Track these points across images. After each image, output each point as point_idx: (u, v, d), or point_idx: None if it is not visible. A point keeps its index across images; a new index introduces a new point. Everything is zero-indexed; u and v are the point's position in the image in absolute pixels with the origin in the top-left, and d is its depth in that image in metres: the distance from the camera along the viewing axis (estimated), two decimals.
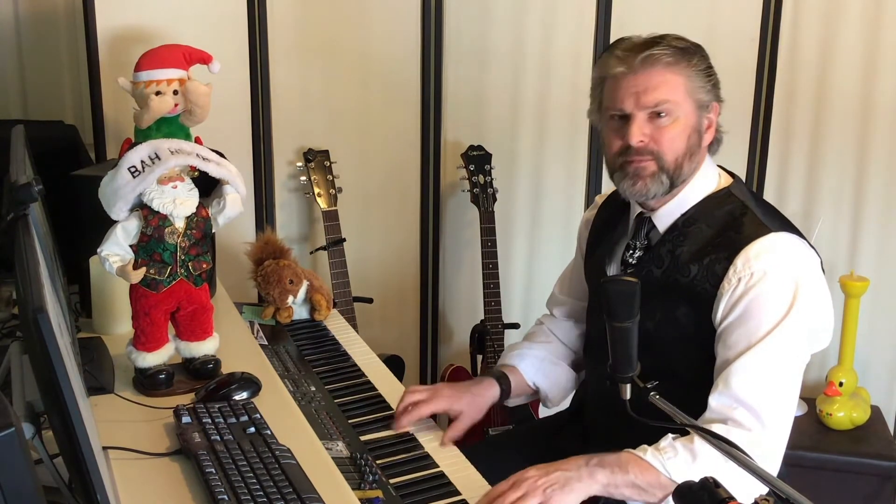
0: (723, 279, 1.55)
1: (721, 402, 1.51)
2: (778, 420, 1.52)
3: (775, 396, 1.52)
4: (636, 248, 1.70)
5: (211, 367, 1.72)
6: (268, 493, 1.29)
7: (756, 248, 1.54)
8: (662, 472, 1.46)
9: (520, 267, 3.02)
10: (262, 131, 2.76)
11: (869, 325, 2.77)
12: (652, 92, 1.57)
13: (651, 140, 1.59)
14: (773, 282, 1.52)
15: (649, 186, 1.61)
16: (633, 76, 1.57)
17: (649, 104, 1.57)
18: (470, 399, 1.74)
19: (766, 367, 1.51)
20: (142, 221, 1.60)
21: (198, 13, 2.57)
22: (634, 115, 1.58)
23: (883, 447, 2.58)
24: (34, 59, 2.71)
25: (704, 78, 1.60)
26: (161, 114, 2.12)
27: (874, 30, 2.68)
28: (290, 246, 2.23)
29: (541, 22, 2.84)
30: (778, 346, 1.52)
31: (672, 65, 1.57)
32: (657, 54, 1.56)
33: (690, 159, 1.62)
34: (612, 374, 1.35)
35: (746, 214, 1.60)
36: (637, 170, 1.60)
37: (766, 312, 1.52)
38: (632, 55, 1.57)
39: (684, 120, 1.59)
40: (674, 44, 1.58)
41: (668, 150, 1.59)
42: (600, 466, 1.47)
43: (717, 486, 1.08)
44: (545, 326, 1.96)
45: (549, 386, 1.87)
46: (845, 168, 2.77)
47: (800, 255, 1.58)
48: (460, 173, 2.84)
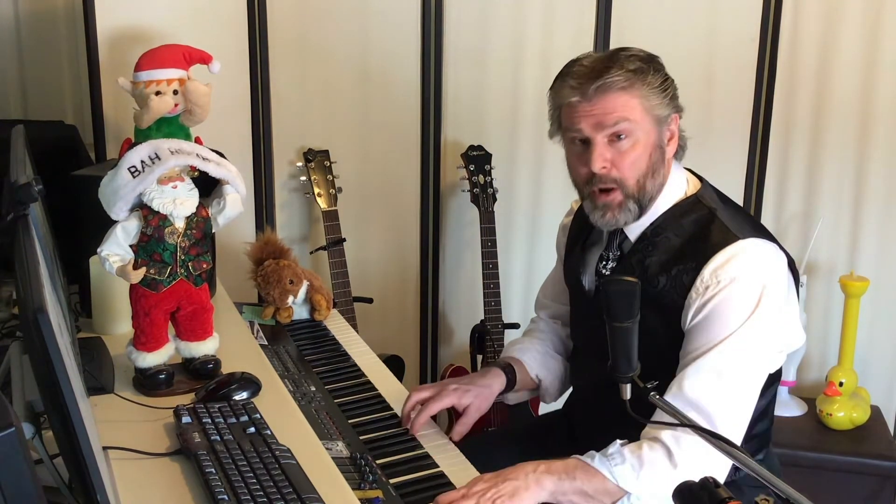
0: (690, 289, 1.55)
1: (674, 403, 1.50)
2: (730, 423, 1.51)
3: (729, 399, 1.51)
4: (609, 258, 1.70)
5: (211, 367, 1.72)
6: (268, 493, 1.29)
7: (722, 258, 1.54)
8: (609, 478, 1.46)
9: (520, 267, 3.02)
10: (262, 131, 2.76)
11: (869, 325, 2.77)
12: (609, 115, 1.55)
13: (613, 166, 1.58)
14: (739, 287, 1.52)
15: (618, 217, 1.61)
16: (588, 104, 1.56)
17: (608, 124, 1.56)
18: (477, 391, 1.74)
19: (720, 370, 1.50)
20: (142, 221, 1.60)
21: (198, 13, 2.57)
22: (594, 139, 1.57)
23: (883, 447, 2.58)
24: (34, 59, 2.71)
25: (660, 93, 1.58)
26: (161, 114, 2.12)
27: (874, 30, 2.68)
28: (290, 246, 2.23)
29: (541, 22, 2.84)
30: (735, 349, 1.51)
31: (626, 88, 1.55)
32: (609, 81, 1.54)
33: (653, 177, 1.61)
34: (613, 374, 1.35)
35: (714, 222, 1.59)
36: (606, 203, 1.61)
37: (729, 317, 1.52)
38: (586, 83, 1.55)
39: (644, 139, 1.58)
40: (626, 66, 1.55)
41: (630, 175, 1.58)
42: (548, 473, 1.47)
43: (717, 486, 1.08)
44: (541, 323, 1.97)
45: (550, 380, 1.87)
46: (845, 168, 2.77)
47: (766, 261, 1.57)
48: (460, 173, 2.84)
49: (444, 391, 1.71)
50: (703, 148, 2.59)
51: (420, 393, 1.71)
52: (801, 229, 2.81)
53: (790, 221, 2.82)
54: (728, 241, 1.55)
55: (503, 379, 1.80)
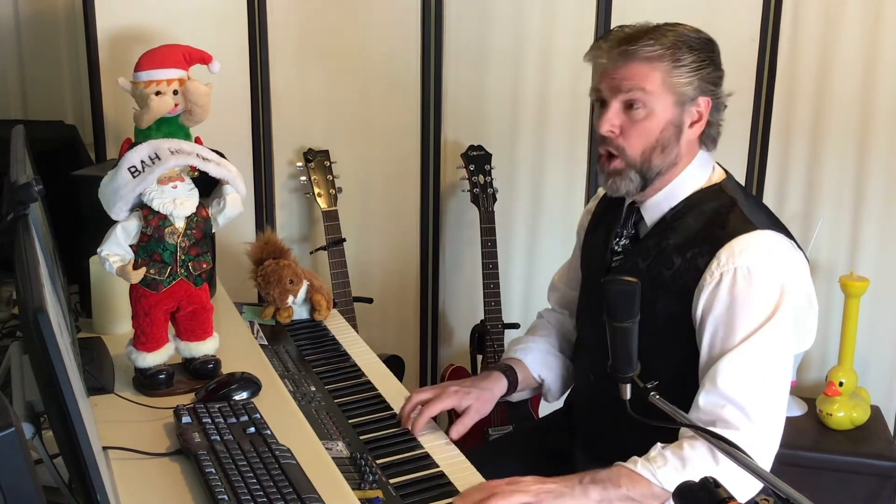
0: (704, 272, 1.55)
1: (709, 401, 1.51)
2: (768, 417, 1.51)
3: (764, 394, 1.51)
4: (622, 235, 1.71)
5: (211, 367, 1.72)
6: (268, 493, 1.29)
7: (739, 244, 1.53)
8: (654, 481, 1.46)
9: (520, 267, 3.02)
10: (262, 131, 2.76)
11: (869, 325, 2.78)
12: (625, 81, 1.58)
13: (620, 133, 1.60)
14: (757, 280, 1.52)
15: (619, 186, 1.63)
16: (611, 67, 1.60)
17: (622, 90, 1.59)
18: (478, 394, 1.74)
19: (753, 365, 1.51)
20: (142, 221, 1.60)
21: (198, 13, 2.57)
22: (609, 102, 1.60)
23: (883, 447, 2.58)
24: (34, 59, 2.71)
25: (693, 73, 1.60)
26: (161, 114, 2.12)
27: (874, 30, 2.68)
28: (290, 246, 2.23)
29: (541, 22, 2.84)
30: (765, 343, 1.51)
31: (652, 59, 1.57)
32: (634, 49, 1.58)
33: (663, 152, 1.61)
34: (613, 374, 1.35)
35: (733, 211, 1.59)
36: (608, 170, 1.63)
37: (751, 310, 1.52)
38: (613, 47, 1.60)
39: (660, 113, 1.59)
40: (662, 39, 1.59)
41: (634, 144, 1.60)
42: (593, 483, 1.47)
43: (717, 486, 1.08)
44: (545, 319, 1.97)
45: (552, 379, 1.87)
46: (845, 168, 2.78)
47: (784, 255, 1.57)
48: (460, 173, 2.84)
49: (445, 393, 1.71)
50: None
51: (421, 394, 1.71)
52: (801, 229, 2.80)
53: (790, 221, 2.81)
54: (745, 229, 1.55)
55: (504, 383, 1.80)
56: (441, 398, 1.70)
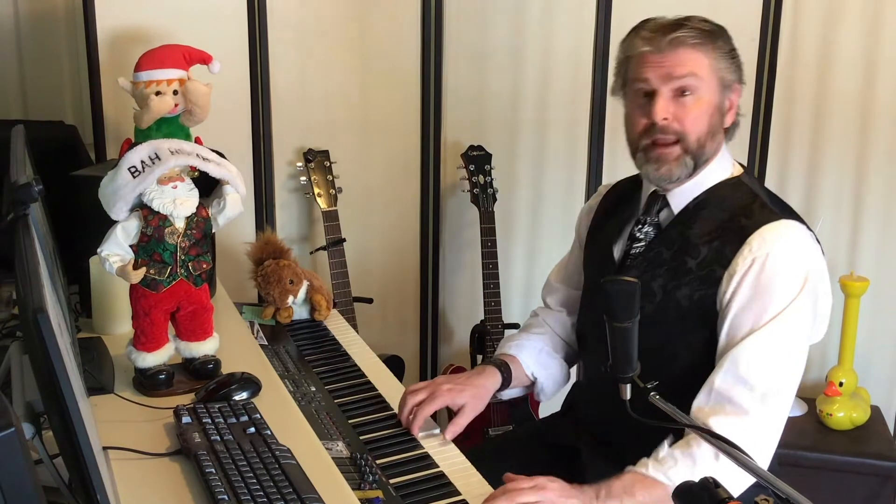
0: (733, 259, 1.56)
1: (725, 381, 1.52)
2: (778, 400, 1.53)
3: (779, 377, 1.53)
4: (646, 223, 1.71)
5: (211, 367, 1.72)
6: (268, 493, 1.29)
7: (769, 232, 1.56)
8: (668, 483, 1.47)
9: (520, 267, 3.02)
10: (262, 131, 2.76)
11: (869, 325, 2.77)
12: (678, 68, 1.59)
13: (675, 119, 1.61)
14: (785, 266, 1.54)
15: (674, 170, 1.63)
16: (659, 55, 1.60)
17: (676, 76, 1.59)
18: (472, 391, 1.73)
19: (772, 349, 1.53)
20: (142, 221, 1.60)
21: (198, 13, 2.57)
22: (660, 91, 1.60)
23: (883, 447, 2.58)
24: (34, 59, 2.71)
25: (729, 59, 1.64)
26: (161, 114, 2.12)
27: (874, 30, 2.68)
28: (290, 246, 2.23)
29: (541, 22, 2.84)
30: (784, 328, 1.53)
31: (698, 45, 1.60)
32: (682, 36, 1.59)
33: (712, 139, 1.64)
34: (613, 374, 1.35)
35: (756, 201, 1.62)
36: (661, 155, 1.63)
37: (775, 295, 1.53)
38: (658, 36, 1.61)
39: (708, 98, 1.62)
40: (699, 26, 1.62)
41: (692, 129, 1.61)
42: (609, 497, 1.47)
43: (717, 486, 1.08)
44: (540, 318, 1.97)
45: (545, 377, 1.87)
46: (845, 168, 2.78)
47: (809, 245, 1.60)
48: (460, 173, 2.84)
49: (438, 391, 1.70)
50: None
51: (414, 396, 1.69)
52: None
53: None
54: (772, 218, 1.58)
55: (498, 378, 1.80)
56: (434, 398, 1.69)
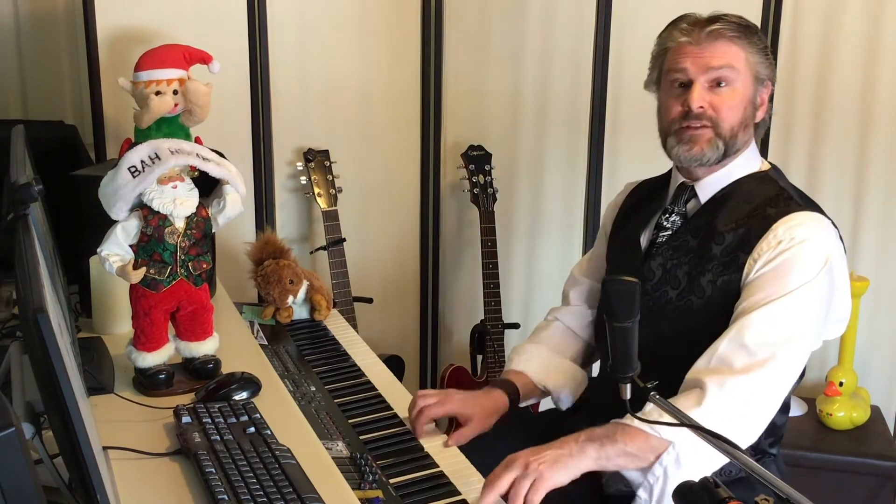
0: (756, 245, 1.59)
1: (728, 348, 1.54)
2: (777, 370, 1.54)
3: (782, 349, 1.54)
4: (673, 212, 1.74)
5: (211, 367, 1.72)
6: (268, 493, 1.29)
7: (795, 220, 1.60)
8: (651, 432, 1.48)
9: (520, 267, 3.02)
10: (262, 131, 2.76)
11: (869, 325, 2.77)
12: (716, 59, 1.64)
13: (710, 107, 1.65)
14: (809, 248, 1.57)
15: (705, 151, 1.67)
16: (697, 47, 1.66)
17: (714, 67, 1.64)
18: (480, 408, 1.73)
19: (781, 322, 1.54)
20: (142, 221, 1.60)
21: (198, 13, 2.57)
22: (697, 80, 1.65)
23: (883, 447, 2.58)
24: (34, 59, 2.71)
25: (762, 55, 1.68)
26: (161, 114, 2.12)
27: (874, 29, 2.68)
28: (290, 246, 2.23)
29: (541, 22, 2.84)
30: (797, 304, 1.56)
31: (735, 38, 1.65)
32: (721, 28, 1.65)
33: (745, 131, 1.69)
34: (612, 375, 1.35)
35: (782, 194, 1.66)
36: (693, 136, 1.67)
37: (794, 274, 1.56)
38: (696, 29, 1.66)
39: (742, 90, 1.66)
40: (736, 20, 1.67)
41: (726, 117, 1.66)
42: (589, 441, 1.50)
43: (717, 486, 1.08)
44: (553, 321, 1.97)
45: (559, 386, 1.86)
46: (845, 168, 2.77)
47: (833, 236, 1.64)
48: (460, 173, 2.84)
49: (449, 399, 1.70)
50: None
51: (425, 399, 1.69)
52: None
53: None
54: (798, 209, 1.62)
55: (506, 401, 1.79)
56: (444, 403, 1.69)
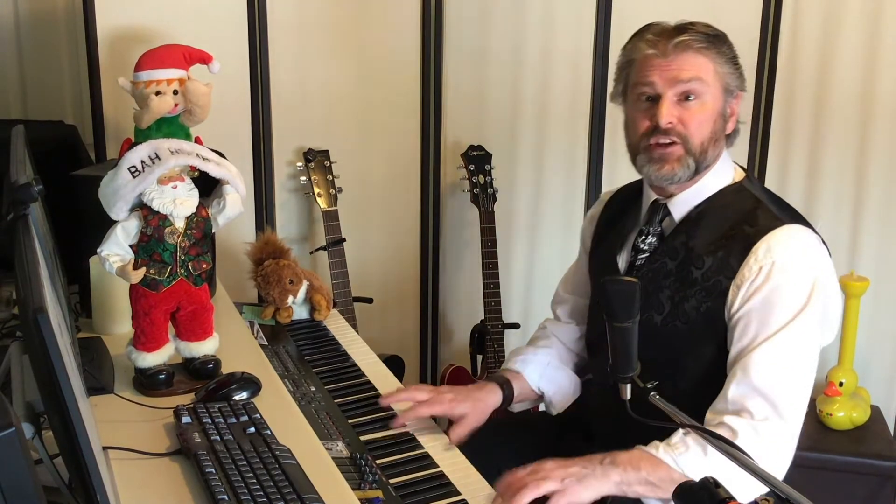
0: (738, 270, 1.56)
1: (739, 392, 1.53)
2: (793, 410, 1.53)
3: (792, 386, 1.53)
4: (649, 233, 1.71)
5: (211, 367, 1.72)
6: (268, 493, 1.29)
7: (774, 238, 1.56)
8: (675, 467, 1.48)
9: (520, 267, 3.02)
10: (262, 131, 2.76)
11: (869, 325, 2.77)
12: (684, 72, 1.59)
13: (679, 122, 1.61)
14: (793, 273, 1.54)
15: (676, 170, 1.63)
16: (664, 59, 1.60)
17: (682, 80, 1.59)
18: (472, 404, 1.73)
19: (784, 358, 1.53)
20: (142, 221, 1.60)
21: (198, 13, 2.57)
22: (665, 95, 1.60)
23: (883, 447, 2.58)
24: (34, 59, 2.71)
25: (732, 65, 1.64)
26: (161, 114, 2.12)
27: (874, 30, 2.68)
28: (290, 246, 2.23)
29: (541, 22, 2.84)
30: (796, 336, 1.54)
31: (703, 50, 1.61)
32: (688, 40, 1.59)
33: (715, 145, 1.64)
34: (613, 374, 1.35)
35: (760, 207, 1.62)
36: (663, 154, 1.62)
37: (785, 303, 1.54)
38: (663, 39, 1.61)
39: (712, 103, 1.62)
40: (704, 30, 1.62)
41: (696, 132, 1.61)
42: (613, 465, 1.49)
43: (717, 486, 1.08)
44: (548, 330, 1.96)
45: (553, 391, 1.87)
46: (845, 168, 2.77)
47: (816, 249, 1.60)
48: (460, 173, 2.84)
49: (439, 398, 1.70)
50: None
51: (418, 393, 1.70)
52: None
53: None
54: (776, 224, 1.58)
55: (499, 395, 1.80)
56: (434, 402, 1.69)
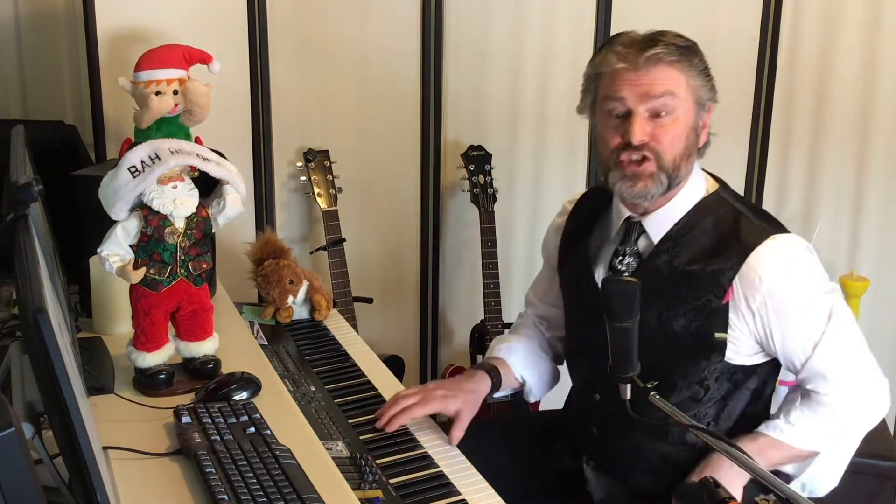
0: (728, 290, 1.54)
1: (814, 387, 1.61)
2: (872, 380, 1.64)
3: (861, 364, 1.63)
4: (626, 254, 1.66)
5: (211, 367, 1.72)
6: (268, 493, 1.29)
7: (763, 254, 1.53)
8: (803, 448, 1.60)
9: (520, 267, 3.02)
10: (262, 131, 2.76)
11: (869, 325, 2.77)
12: (656, 86, 1.53)
13: (652, 138, 1.55)
14: (799, 278, 1.55)
15: (649, 188, 1.57)
16: (635, 73, 1.54)
17: (654, 95, 1.53)
18: (464, 397, 1.72)
19: (843, 347, 1.59)
20: (142, 221, 1.60)
21: (198, 13, 2.57)
22: (636, 111, 1.54)
23: (883, 447, 2.57)
24: (34, 59, 2.71)
25: (703, 77, 1.58)
26: (161, 114, 2.12)
27: (874, 30, 2.68)
28: (290, 246, 2.23)
29: (541, 22, 2.84)
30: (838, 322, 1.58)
31: (675, 63, 1.54)
32: (660, 52, 1.53)
33: (688, 160, 1.59)
34: (612, 375, 1.35)
35: (741, 219, 1.58)
36: (636, 172, 1.56)
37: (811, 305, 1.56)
38: (633, 52, 1.54)
39: (684, 118, 1.56)
40: (675, 41, 1.55)
41: (668, 149, 1.55)
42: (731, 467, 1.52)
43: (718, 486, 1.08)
44: (529, 319, 1.96)
45: (534, 380, 1.87)
46: (845, 168, 2.78)
47: (805, 251, 1.59)
48: (460, 173, 2.84)
49: (430, 396, 1.69)
50: None
51: (406, 400, 1.67)
52: (801, 229, 2.80)
53: (790, 221, 2.78)
54: (760, 236, 1.55)
55: (488, 383, 1.79)
56: (426, 402, 1.67)
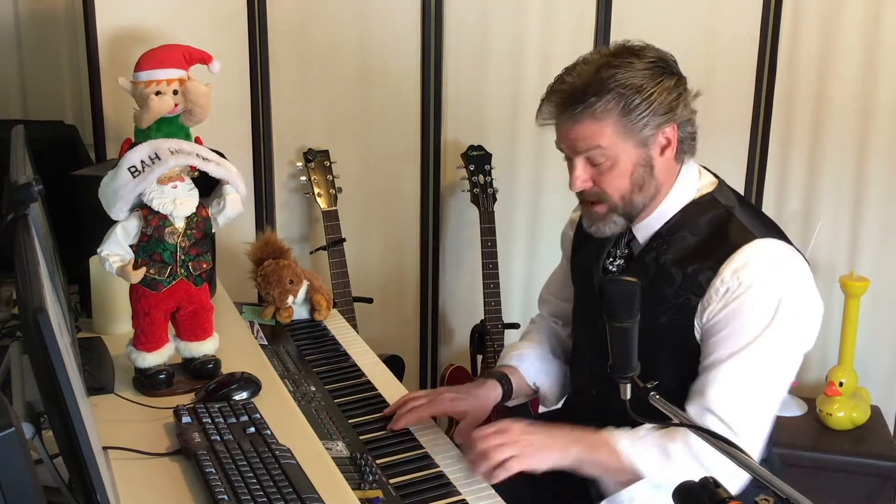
0: (707, 289, 1.54)
1: (693, 412, 1.53)
2: (749, 427, 1.52)
3: (750, 407, 1.53)
4: (616, 255, 1.70)
5: (211, 367, 1.72)
6: (268, 493, 1.29)
7: (742, 258, 1.53)
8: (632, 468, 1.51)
9: (520, 267, 3.02)
10: (262, 131, 2.76)
11: (869, 325, 2.77)
12: (581, 142, 1.57)
13: (594, 184, 1.60)
14: (758, 292, 1.52)
15: (604, 229, 1.64)
16: (564, 128, 1.60)
17: (581, 150, 1.58)
18: (473, 401, 1.73)
19: (742, 379, 1.52)
20: (142, 221, 1.60)
21: (198, 13, 2.57)
22: (574, 160, 1.60)
23: (883, 447, 2.58)
24: (34, 59, 2.71)
25: (644, 114, 1.54)
26: (161, 114, 2.12)
27: (874, 30, 2.68)
28: (290, 246, 2.23)
29: (541, 22, 2.84)
30: (757, 357, 1.52)
31: (599, 117, 1.54)
32: (580, 112, 1.54)
33: (641, 191, 1.60)
34: (612, 375, 1.35)
35: (731, 221, 1.59)
36: (591, 214, 1.64)
37: (747, 323, 1.52)
38: (560, 109, 1.59)
39: (625, 160, 1.57)
40: (608, 86, 1.53)
41: (612, 190, 1.60)
42: (576, 443, 1.53)
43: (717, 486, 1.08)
44: (539, 324, 1.97)
45: (548, 385, 1.87)
46: (845, 168, 2.77)
47: (786, 262, 1.56)
48: (460, 173, 2.84)
49: (439, 398, 1.71)
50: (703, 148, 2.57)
51: (416, 400, 1.70)
52: (801, 229, 2.80)
53: (790, 221, 2.82)
54: (745, 240, 1.55)
55: (499, 391, 1.80)
56: (435, 402, 1.69)
